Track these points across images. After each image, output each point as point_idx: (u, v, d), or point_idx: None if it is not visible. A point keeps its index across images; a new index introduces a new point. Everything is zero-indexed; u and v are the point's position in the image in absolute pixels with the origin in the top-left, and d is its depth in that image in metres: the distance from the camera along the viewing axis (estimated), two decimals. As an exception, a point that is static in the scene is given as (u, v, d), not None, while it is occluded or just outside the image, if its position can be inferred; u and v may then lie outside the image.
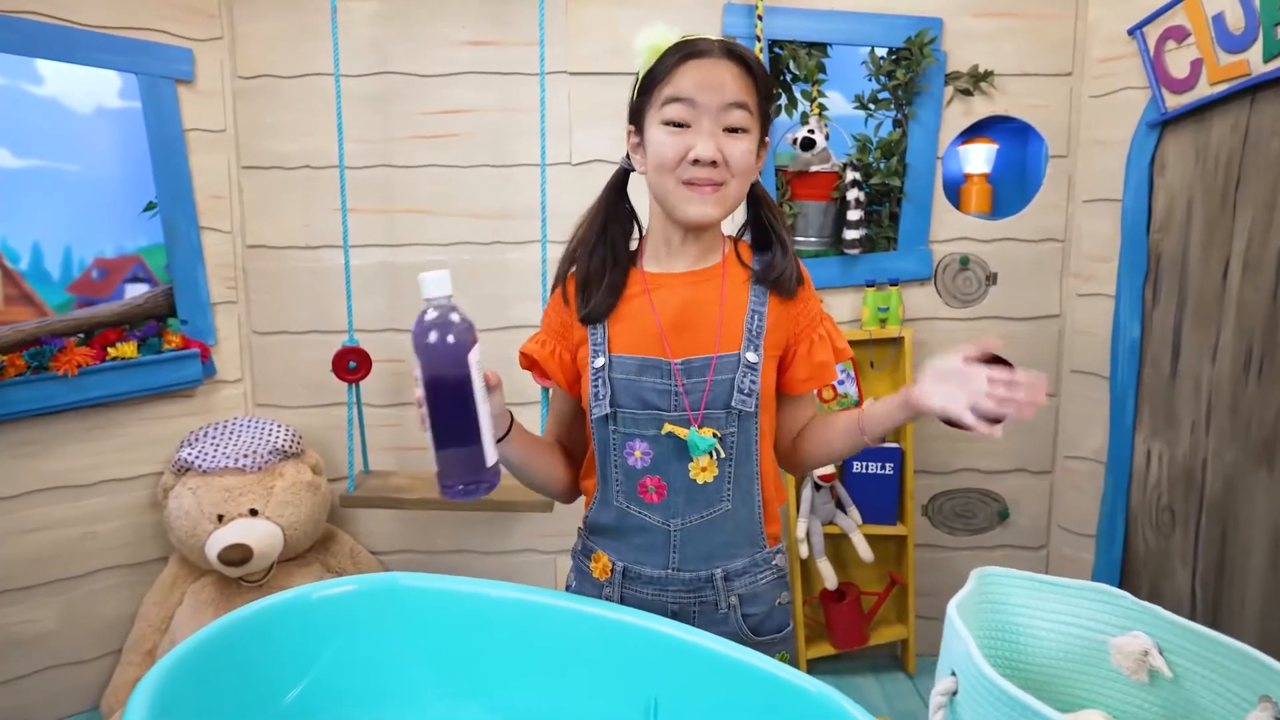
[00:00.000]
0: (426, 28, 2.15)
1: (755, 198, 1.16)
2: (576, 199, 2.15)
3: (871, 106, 2.22)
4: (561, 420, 1.25)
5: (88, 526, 2.06)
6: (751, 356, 1.10)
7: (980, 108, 2.19)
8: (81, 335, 2.05)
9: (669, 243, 1.13)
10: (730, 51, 1.04)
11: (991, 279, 2.26)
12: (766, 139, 1.12)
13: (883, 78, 2.19)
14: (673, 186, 1.06)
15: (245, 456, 2.03)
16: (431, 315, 0.91)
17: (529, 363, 1.20)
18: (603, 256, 1.14)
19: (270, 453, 2.06)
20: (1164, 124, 1.99)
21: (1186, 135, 1.96)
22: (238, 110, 2.17)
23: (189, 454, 2.02)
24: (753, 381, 1.10)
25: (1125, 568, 2.17)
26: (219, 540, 1.92)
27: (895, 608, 2.35)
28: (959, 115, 2.20)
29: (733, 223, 1.20)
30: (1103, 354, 2.18)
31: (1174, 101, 1.95)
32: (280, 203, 2.20)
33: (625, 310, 1.13)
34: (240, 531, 1.94)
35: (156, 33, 2.04)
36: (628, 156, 1.15)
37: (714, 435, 1.10)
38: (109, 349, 2.02)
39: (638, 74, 1.09)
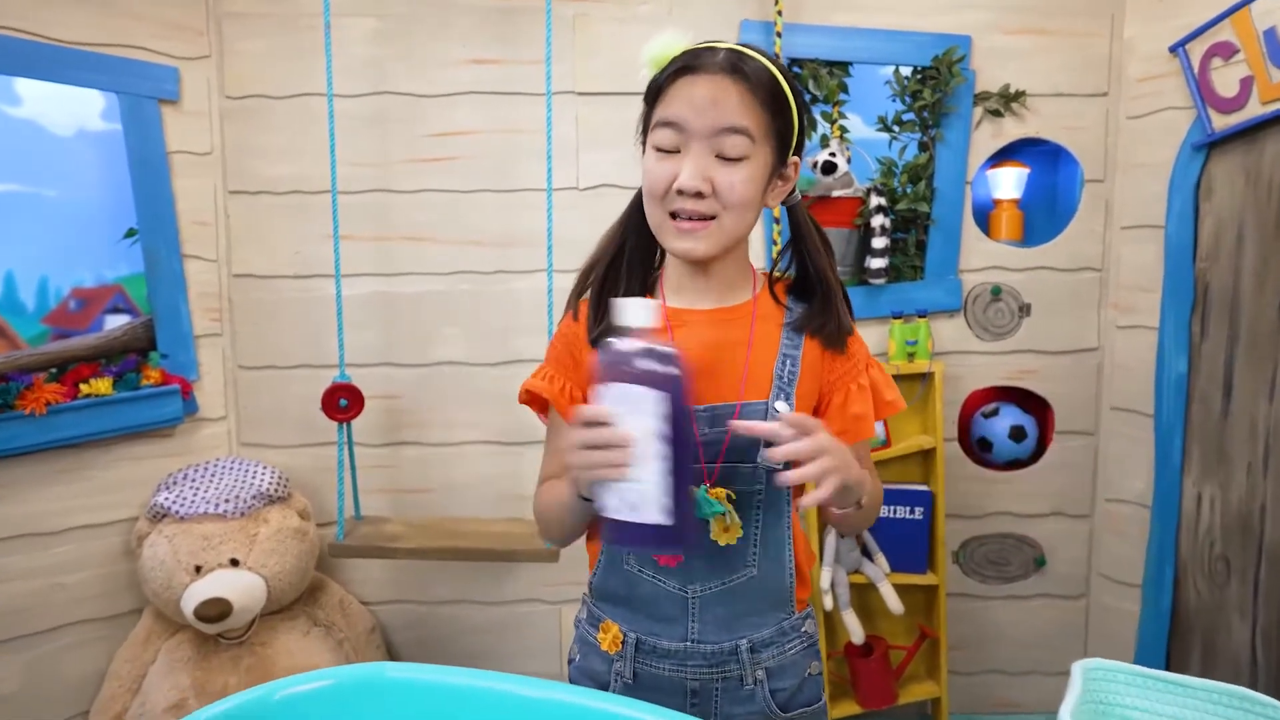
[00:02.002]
0: (426, 46, 2.04)
1: (795, 227, 1.03)
2: (584, 225, 2.04)
3: (896, 128, 2.11)
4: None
5: (55, 577, 1.90)
6: (781, 407, 0.96)
7: (1011, 129, 2.07)
8: (53, 370, 1.91)
9: (686, 274, 1.01)
10: (733, 68, 0.91)
11: (1025, 310, 2.13)
12: (795, 161, 0.98)
13: (908, 98, 2.07)
14: (660, 219, 0.96)
15: (226, 501, 1.88)
16: (648, 347, 0.83)
17: (532, 400, 1.07)
18: (620, 275, 1.02)
19: (254, 497, 1.91)
20: (1210, 146, 1.87)
21: (1235, 158, 1.84)
22: (225, 132, 2.05)
23: (166, 499, 1.87)
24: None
25: (1175, 620, 2.01)
26: (196, 594, 1.77)
27: (926, 663, 2.18)
28: (988, 137, 2.08)
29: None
30: (1145, 390, 2.04)
31: (1221, 122, 1.83)
32: (269, 229, 2.08)
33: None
34: (219, 584, 1.79)
35: (140, 50, 1.93)
36: None
37: (728, 497, 0.96)
38: (82, 385, 1.88)
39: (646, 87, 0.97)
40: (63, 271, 2.17)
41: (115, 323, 2.20)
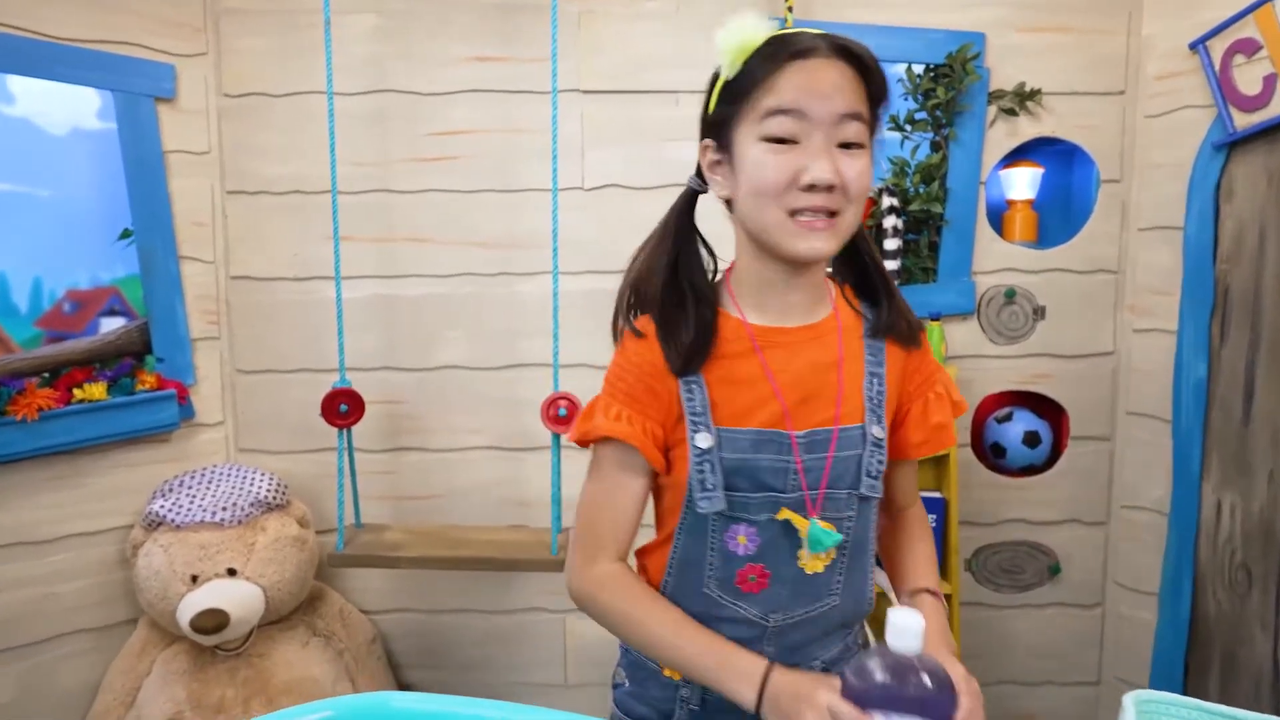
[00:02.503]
0: (427, 43, 2.00)
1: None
2: (589, 226, 2.03)
3: (908, 128, 2.06)
4: (638, 518, 0.98)
5: (48, 587, 1.86)
6: (877, 431, 0.92)
7: (1026, 129, 2.02)
8: (46, 375, 1.86)
9: (771, 286, 0.92)
10: (841, 49, 0.85)
11: (1039, 313, 2.08)
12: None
13: (920, 96, 2.03)
14: (777, 218, 0.86)
15: (224, 509, 1.83)
16: (924, 672, 0.71)
17: (599, 439, 0.96)
18: (681, 292, 0.93)
19: (252, 505, 1.86)
20: (1231, 145, 1.82)
21: (1258, 157, 1.79)
22: (223, 131, 2.01)
23: (161, 506, 1.83)
24: (880, 461, 0.92)
25: (1194, 630, 1.97)
26: (192, 605, 1.72)
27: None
28: (1003, 137, 2.03)
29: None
30: (1163, 395, 2.00)
31: (1243, 121, 1.78)
32: (267, 230, 2.03)
33: (731, 372, 0.92)
34: (216, 595, 1.74)
35: (136, 47, 1.88)
36: (697, 176, 0.96)
37: (837, 525, 0.92)
38: (75, 390, 1.83)
39: (716, 79, 0.90)
40: (57, 273, 2.13)
41: (111, 325, 2.16)
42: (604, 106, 2.01)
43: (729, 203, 0.93)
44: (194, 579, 1.77)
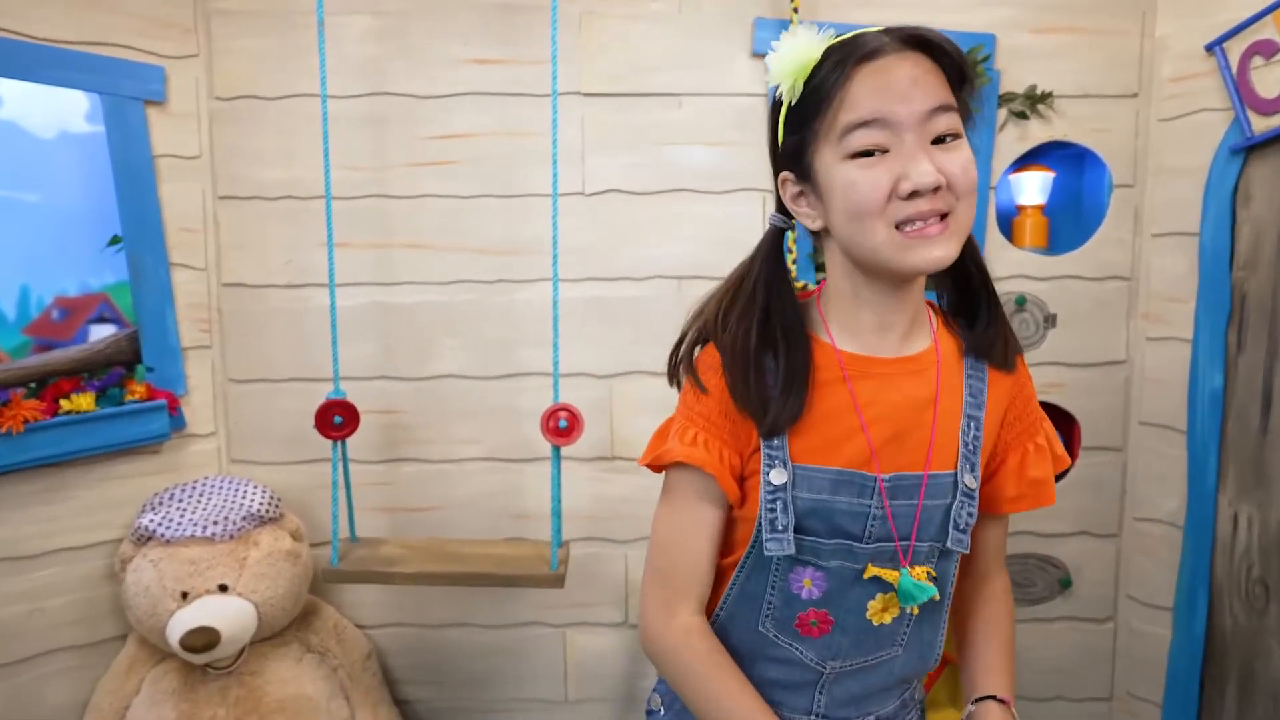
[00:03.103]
0: (425, 45, 1.95)
1: None
2: (590, 232, 1.99)
3: (916, 131, 2.01)
4: (716, 555, 0.92)
5: (34, 603, 1.81)
6: (970, 481, 0.85)
7: (1037, 132, 1.98)
8: (32, 385, 1.82)
9: (867, 308, 0.86)
10: (911, 39, 0.79)
11: (1050, 321, 2.04)
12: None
13: (928, 100, 1.98)
14: (885, 235, 0.79)
15: (215, 523, 1.78)
16: None
17: (670, 463, 0.91)
18: (769, 339, 0.86)
19: (244, 518, 1.81)
20: (1249, 150, 1.78)
21: (1277, 162, 1.75)
22: (214, 134, 1.96)
23: (150, 520, 1.78)
24: (970, 514, 0.86)
25: (1209, 646, 1.92)
26: (182, 622, 1.67)
27: (948, 689, 2.08)
28: (1013, 140, 1.99)
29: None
30: (1177, 404, 1.95)
31: (1262, 125, 1.74)
32: (260, 236, 1.98)
33: (816, 403, 0.86)
34: (207, 612, 1.69)
35: (124, 49, 1.83)
36: (780, 211, 0.89)
37: (929, 575, 0.85)
38: (61, 401, 1.78)
39: (780, 104, 0.83)
40: (45, 280, 2.07)
41: (101, 333, 2.11)
42: (605, 110, 1.97)
43: (817, 234, 0.87)
44: (184, 595, 1.72)
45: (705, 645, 0.89)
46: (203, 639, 1.65)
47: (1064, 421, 2.09)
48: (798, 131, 0.83)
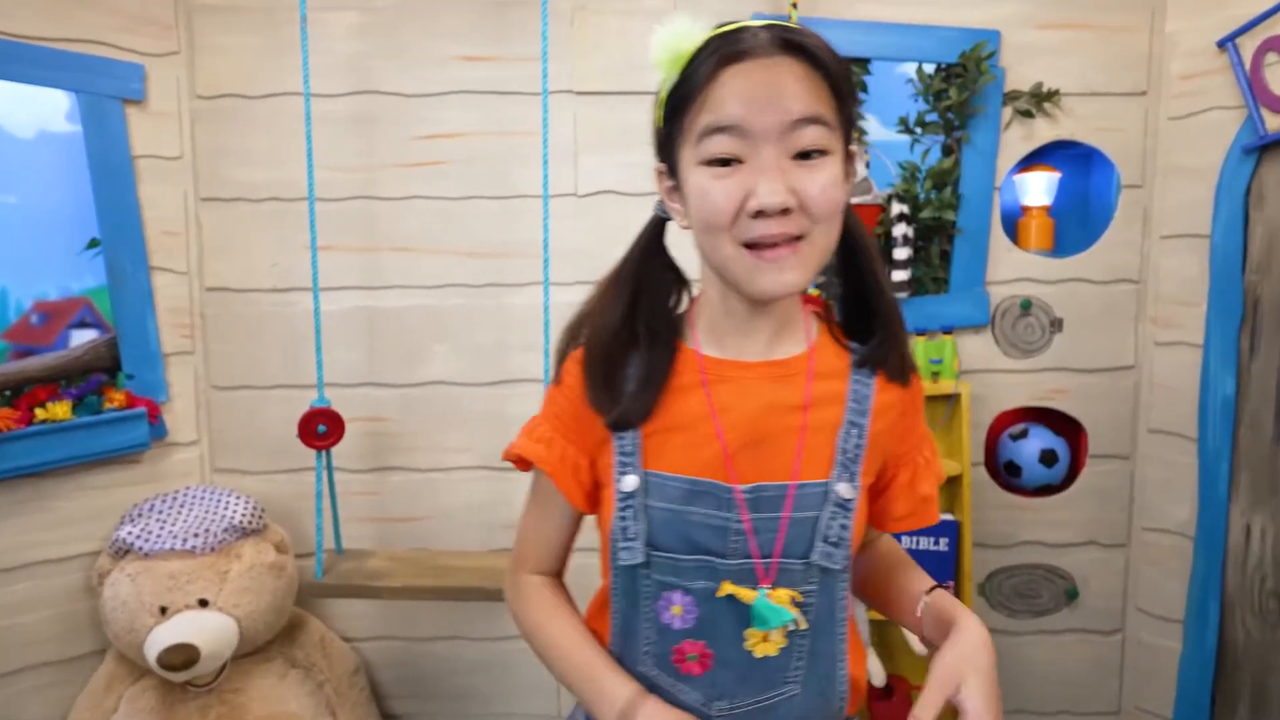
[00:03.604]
0: (414, 42, 1.89)
1: (846, 234, 0.82)
2: (583, 234, 1.92)
3: (918, 130, 1.96)
4: (565, 543, 0.92)
5: (11, 617, 1.75)
6: (844, 490, 0.79)
7: (1043, 131, 1.92)
8: (7, 393, 1.76)
9: (731, 317, 0.81)
10: (789, 45, 0.73)
11: (1056, 325, 1.98)
12: (854, 151, 0.80)
13: (931, 98, 1.92)
14: (731, 252, 0.74)
15: (195, 535, 1.73)
16: None
17: (528, 468, 0.89)
18: (634, 334, 0.81)
19: (226, 530, 1.76)
20: (1262, 149, 1.73)
21: (1291, 161, 1.69)
22: (196, 134, 1.90)
23: (129, 533, 1.72)
24: (843, 526, 0.79)
25: (1221, 660, 1.87)
26: (160, 639, 1.62)
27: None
28: (1018, 140, 1.93)
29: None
30: (1188, 411, 1.90)
31: (1276, 123, 1.69)
32: (244, 239, 1.93)
33: (672, 408, 0.81)
34: (186, 628, 1.64)
35: (102, 46, 1.78)
36: (662, 202, 0.84)
37: (793, 600, 0.78)
38: (37, 410, 1.73)
39: (660, 91, 0.78)
40: (24, 283, 2.02)
41: (82, 338, 2.06)
42: (599, 109, 1.91)
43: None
44: (163, 611, 1.66)
45: (537, 594, 0.90)
46: (181, 656, 1.59)
47: (1070, 429, 2.04)
48: (668, 124, 0.77)
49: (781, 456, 0.79)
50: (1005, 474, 2.05)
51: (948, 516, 1.96)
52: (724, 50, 0.72)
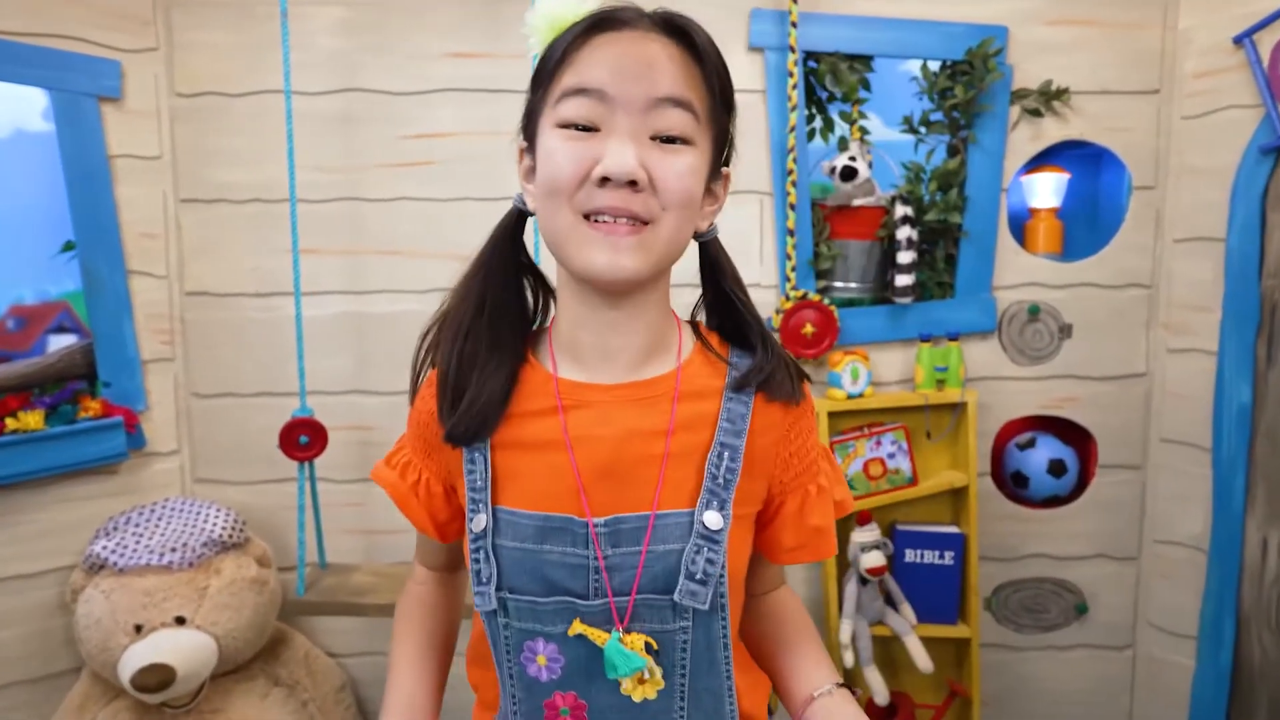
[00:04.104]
0: (401, 38, 1.83)
1: (714, 260, 0.78)
2: None
3: (922, 130, 1.90)
4: (446, 549, 0.87)
5: (-19, 635, 1.69)
6: (712, 519, 0.71)
7: (1052, 131, 1.86)
8: (-22, 402, 1.69)
9: (584, 327, 0.74)
10: (668, 24, 0.69)
11: (1065, 331, 1.92)
12: (726, 171, 0.76)
13: (936, 96, 1.86)
14: (568, 221, 0.68)
15: (173, 550, 1.66)
16: None
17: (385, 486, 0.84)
18: (477, 342, 0.74)
19: (204, 544, 1.69)
20: (1280, 149, 1.67)
21: (1311, 162, 1.63)
22: (175, 133, 1.84)
23: (103, 548, 1.66)
24: (710, 560, 0.70)
25: (1236, 678, 1.81)
26: (134, 659, 1.55)
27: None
28: (1026, 140, 1.87)
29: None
30: (1201, 421, 1.84)
31: (1295, 122, 1.62)
32: (226, 242, 1.86)
33: (522, 437, 0.74)
34: (161, 647, 1.57)
35: (76, 41, 1.71)
36: (521, 193, 0.79)
37: (646, 646, 0.71)
38: (8, 419, 1.66)
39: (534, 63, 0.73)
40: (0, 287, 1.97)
41: (60, 343, 1.99)
42: (592, 107, 1.85)
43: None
44: (138, 629, 1.60)
45: (405, 608, 0.89)
46: (156, 677, 1.53)
47: (1079, 438, 1.98)
48: (533, 93, 0.74)
49: (641, 486, 0.72)
50: (1012, 484, 1.98)
51: (953, 529, 1.89)
52: (601, 16, 0.69)
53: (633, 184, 0.66)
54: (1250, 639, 1.78)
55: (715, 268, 0.79)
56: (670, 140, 0.68)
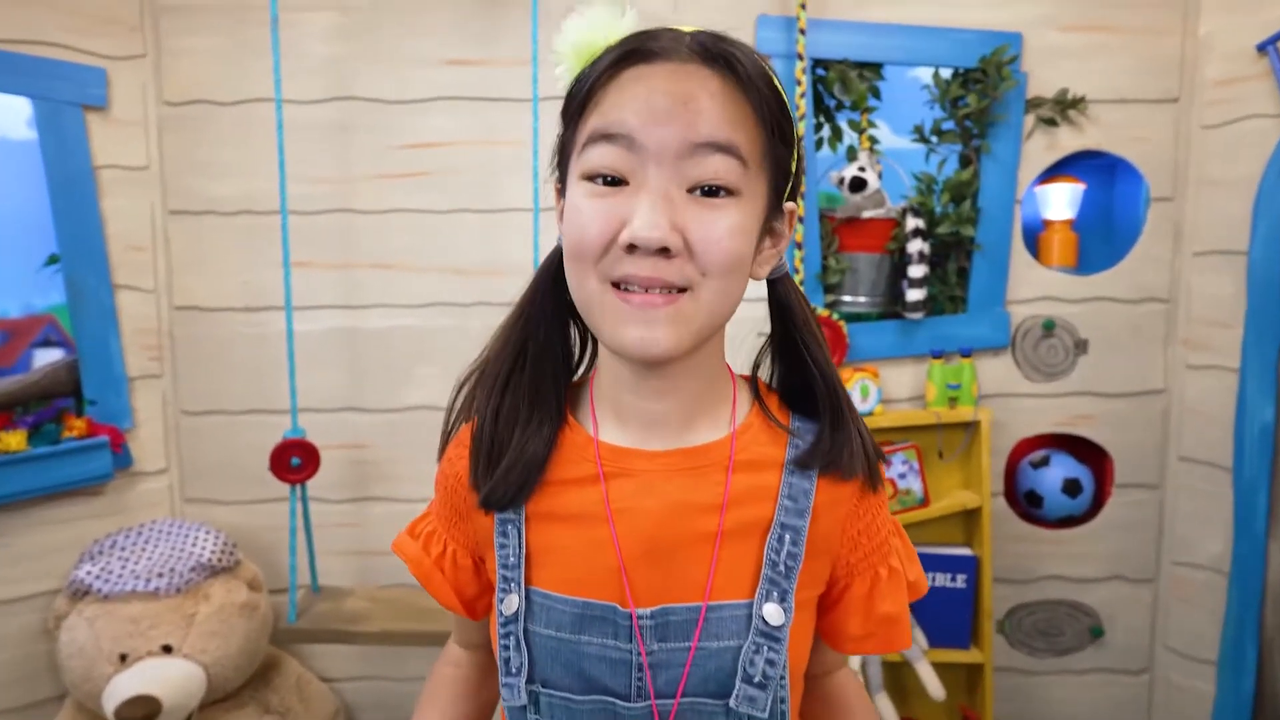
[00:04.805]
0: (396, 45, 1.78)
1: (784, 308, 0.69)
2: None
3: (934, 139, 1.84)
4: (478, 626, 0.77)
5: (-39, 662, 1.64)
6: (773, 614, 0.62)
7: (1068, 141, 1.81)
8: (-42, 422, 1.64)
9: (629, 387, 0.65)
10: (712, 54, 0.59)
11: (1081, 347, 1.86)
12: (793, 208, 0.65)
13: (948, 105, 1.81)
14: (595, 290, 0.60)
15: (159, 575, 1.61)
16: None
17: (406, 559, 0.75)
18: (518, 397, 0.67)
19: (193, 569, 1.64)
20: (1306, 160, 1.61)
21: (1338, 174, 1.58)
22: (163, 143, 1.78)
23: (87, 573, 1.60)
24: (770, 661, 0.62)
25: (1259, 706, 1.75)
26: (119, 689, 1.50)
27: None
28: (1041, 150, 1.82)
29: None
30: (1222, 439, 1.78)
31: (1322, 133, 1.57)
32: (215, 255, 1.81)
33: (559, 508, 0.66)
34: (146, 678, 1.51)
35: (60, 49, 1.66)
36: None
37: None
38: (-12, 440, 1.61)
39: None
40: (-16, 301, 1.92)
41: (46, 357, 1.94)
42: (594, 115, 1.79)
43: None
44: (123, 658, 1.54)
45: (432, 687, 0.81)
46: (140, 710, 1.47)
47: (1095, 456, 1.92)
48: (563, 130, 0.65)
49: (691, 569, 0.63)
50: (1026, 504, 1.93)
51: (965, 551, 1.84)
52: (630, 47, 0.60)
53: (664, 251, 0.57)
54: (1273, 665, 1.72)
55: (784, 310, 0.68)
56: (712, 192, 0.58)
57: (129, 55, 1.74)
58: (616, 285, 0.59)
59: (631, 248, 0.57)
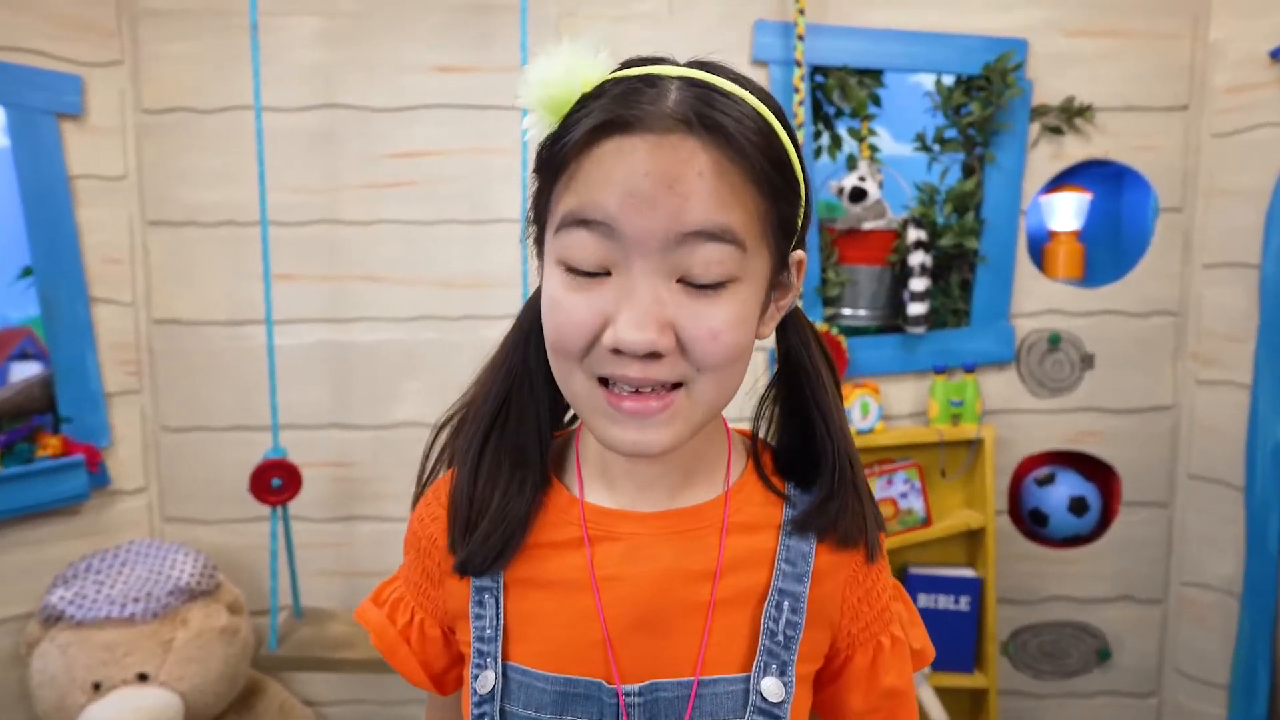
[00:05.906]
0: (383, 50, 1.73)
1: (791, 355, 0.63)
2: None
3: (936, 148, 1.79)
4: (444, 707, 0.71)
5: (-70, 690, 1.58)
6: (772, 689, 0.58)
7: (1074, 150, 1.76)
8: (-73, 441, 1.58)
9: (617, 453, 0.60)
10: (699, 117, 0.51)
11: (1087, 361, 1.81)
12: (800, 257, 0.59)
13: (951, 113, 1.76)
14: (582, 388, 0.55)
15: (135, 600, 1.55)
16: None
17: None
18: (499, 453, 0.62)
19: (170, 593, 1.58)
20: (1320, 171, 1.56)
21: (1354, 185, 1.53)
22: (142, 152, 1.73)
23: (60, 598, 1.54)
24: None
25: (1271, 732, 1.70)
26: (91, 720, 1.44)
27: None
28: (1046, 159, 1.77)
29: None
30: (1233, 456, 1.73)
31: (1337, 142, 1.52)
32: (196, 267, 1.76)
33: (540, 574, 0.61)
34: (121, 708, 1.47)
35: (34, 54, 1.61)
36: None
37: None
38: (-43, 461, 1.55)
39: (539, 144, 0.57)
40: (-43, 313, 1.86)
41: (24, 371, 1.88)
42: (586, 123, 1.74)
43: None
44: (96, 687, 1.49)
45: None
46: (113, 742, 1.42)
47: (1102, 474, 1.87)
48: (538, 185, 0.57)
49: (682, 640, 0.58)
50: (1030, 523, 1.88)
51: (969, 572, 1.79)
52: (608, 116, 0.51)
53: (654, 354, 0.52)
54: (1286, 690, 1.67)
55: (793, 361, 0.62)
56: (705, 286, 0.52)
57: (106, 61, 1.68)
58: (604, 381, 0.54)
59: (618, 351, 0.52)
